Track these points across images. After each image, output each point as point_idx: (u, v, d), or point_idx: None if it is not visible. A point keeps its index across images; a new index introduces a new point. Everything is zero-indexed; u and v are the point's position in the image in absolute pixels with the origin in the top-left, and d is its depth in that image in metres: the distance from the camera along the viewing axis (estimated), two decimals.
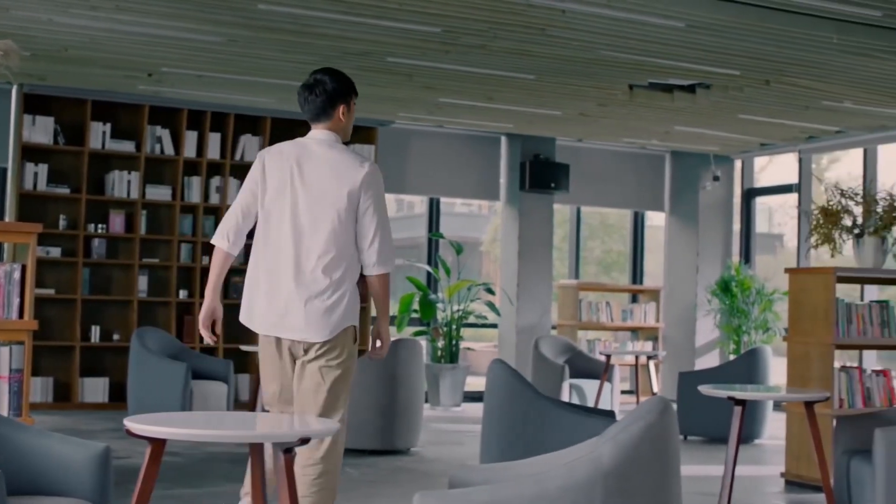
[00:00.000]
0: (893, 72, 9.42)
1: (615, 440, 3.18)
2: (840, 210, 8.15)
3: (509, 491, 3.19)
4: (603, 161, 14.54)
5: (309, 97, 5.02)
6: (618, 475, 3.16)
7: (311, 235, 4.81)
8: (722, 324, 13.64)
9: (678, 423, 10.38)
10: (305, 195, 4.83)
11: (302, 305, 4.77)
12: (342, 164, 4.87)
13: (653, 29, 8.23)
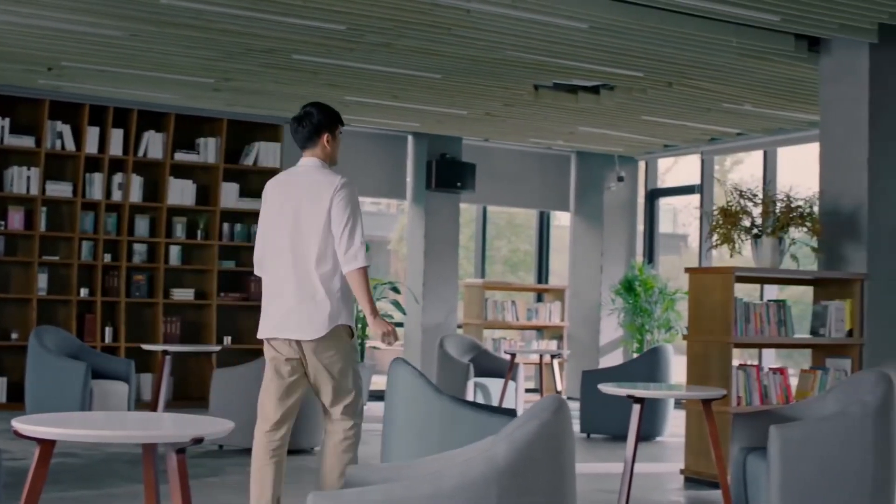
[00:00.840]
0: (791, 75, 9.60)
1: (510, 439, 3.20)
2: (739, 211, 8.28)
3: (404, 490, 3.19)
4: (509, 161, 14.62)
5: (298, 128, 5.66)
6: (512, 473, 3.17)
7: (301, 250, 5.46)
8: (625, 323, 13.80)
9: (582, 422, 10.49)
10: (293, 216, 5.50)
11: (299, 310, 5.42)
12: (320, 184, 5.50)
13: (557, 30, 8.28)
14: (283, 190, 5.62)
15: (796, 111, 11.17)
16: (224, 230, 12.34)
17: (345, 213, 5.45)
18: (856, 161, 8.55)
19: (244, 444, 8.74)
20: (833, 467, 5.71)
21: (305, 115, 5.65)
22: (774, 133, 12.58)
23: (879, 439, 5.74)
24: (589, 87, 10.75)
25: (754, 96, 10.58)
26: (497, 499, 3.15)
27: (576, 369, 13.64)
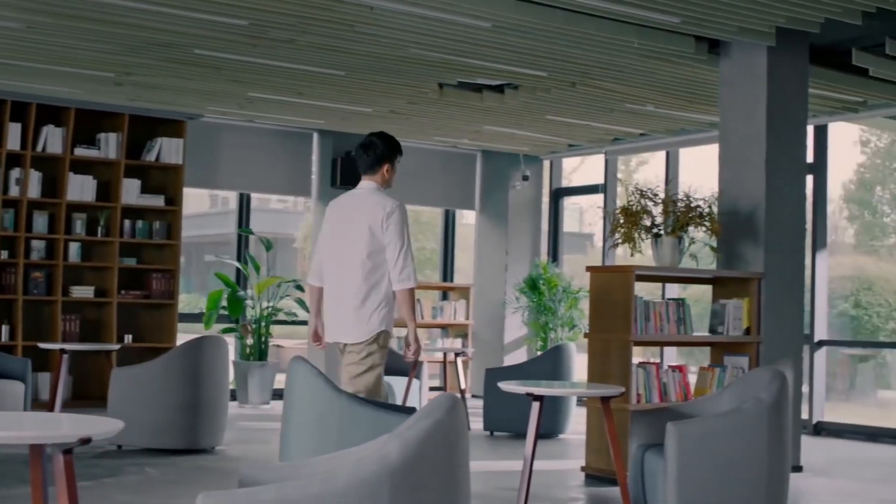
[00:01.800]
0: (692, 76, 9.72)
1: (402, 437, 3.18)
2: (640, 210, 8.37)
3: (296, 489, 3.15)
4: (415, 159, 14.58)
5: (363, 155, 6.54)
6: (405, 472, 3.15)
7: (349, 264, 6.28)
8: (529, 321, 13.87)
9: (485, 420, 10.52)
10: (342, 235, 6.33)
11: (345, 316, 6.30)
12: (372, 206, 6.30)
13: (460, 28, 8.29)
14: (342, 210, 6.43)
15: (697, 112, 11.32)
16: (125, 227, 12.15)
17: (398, 237, 6.26)
18: (754, 162, 8.69)
19: (143, 444, 8.65)
20: (729, 463, 5.79)
21: (370, 144, 6.54)
22: (676, 134, 12.74)
23: (774, 435, 5.84)
24: (494, 86, 10.77)
25: (656, 97, 10.69)
26: (389, 497, 3.14)
27: (480, 367, 13.67)
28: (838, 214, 15.89)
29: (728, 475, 5.80)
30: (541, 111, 11.61)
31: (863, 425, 11.52)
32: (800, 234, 8.94)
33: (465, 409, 10.99)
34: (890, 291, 13.83)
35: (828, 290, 11.98)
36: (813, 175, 11.45)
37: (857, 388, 13.78)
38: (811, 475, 8.69)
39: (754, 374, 6.33)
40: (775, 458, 5.88)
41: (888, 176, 15.80)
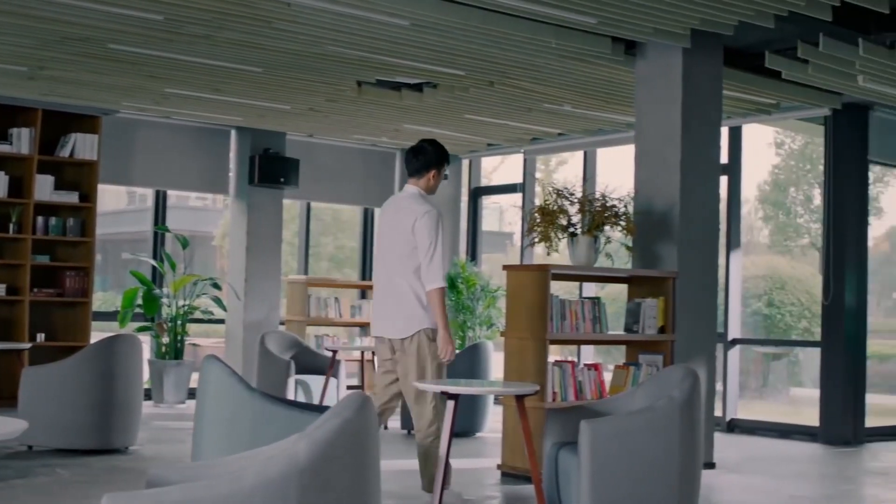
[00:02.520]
0: (609, 77, 9.79)
1: (311, 436, 3.16)
2: (556, 210, 8.41)
3: (203, 490, 3.12)
4: (334, 157, 14.55)
5: (412, 159, 6.92)
6: (313, 471, 3.13)
7: (391, 264, 6.70)
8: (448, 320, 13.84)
9: (403, 418, 10.50)
10: (386, 238, 6.76)
11: (390, 313, 6.71)
12: (409, 211, 6.67)
13: (378, 26, 8.26)
14: (386, 214, 6.87)
15: (614, 113, 11.41)
16: (38, 224, 11.93)
17: (427, 239, 6.59)
18: (668, 162, 8.78)
19: (55, 445, 8.51)
20: (641, 460, 5.84)
21: (421, 149, 6.93)
22: (594, 134, 12.83)
23: (685, 432, 5.90)
24: (412, 85, 10.77)
25: (574, 97, 10.76)
26: (297, 497, 3.11)
27: None
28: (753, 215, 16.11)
29: (641, 472, 5.85)
30: (459, 110, 11.63)
31: (775, 422, 11.70)
32: (713, 234, 9.06)
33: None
34: (802, 291, 14.06)
35: (742, 290, 12.14)
36: (727, 176, 11.60)
37: (770, 386, 13.99)
38: (724, 472, 8.81)
39: (667, 373, 6.39)
40: (687, 456, 5.95)
41: (802, 178, 16.05)
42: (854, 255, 11.01)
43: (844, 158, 11.06)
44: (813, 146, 14.41)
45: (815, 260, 13.42)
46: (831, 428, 10.90)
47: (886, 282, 14.61)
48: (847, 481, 8.81)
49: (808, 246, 15.14)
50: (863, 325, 11.10)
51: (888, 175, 13.75)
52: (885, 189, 14.25)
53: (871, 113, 11.17)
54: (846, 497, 8.05)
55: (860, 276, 11.07)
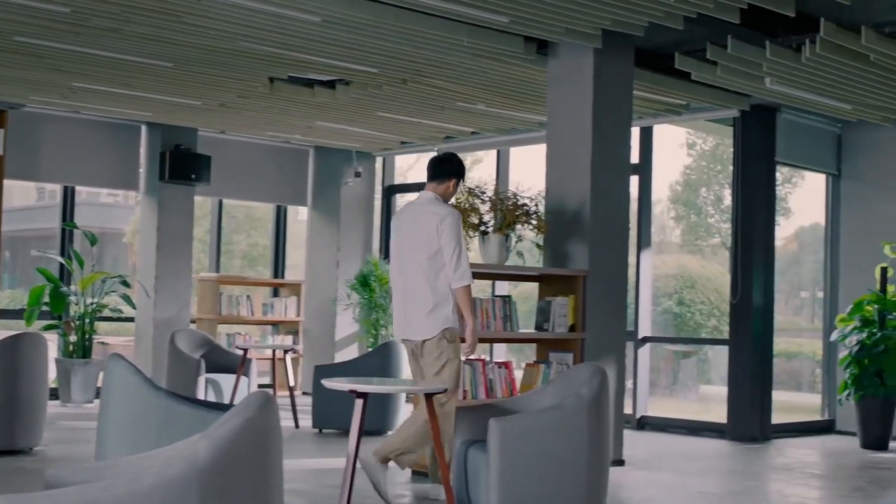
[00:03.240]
0: (522, 76, 9.82)
1: (211, 436, 3.11)
2: (468, 208, 8.41)
3: (101, 490, 3.05)
4: (247, 154, 14.43)
5: (438, 165, 7.14)
6: (214, 472, 3.09)
7: (412, 268, 6.92)
8: (361, 318, 13.83)
9: (314, 417, 10.44)
10: (406, 241, 6.98)
11: (413, 316, 6.91)
12: (430, 214, 6.91)
13: (290, 22, 8.20)
14: (406, 218, 7.07)
15: (527, 112, 11.45)
16: None
17: (453, 240, 6.82)
18: (579, 161, 8.83)
19: None
20: (550, 458, 5.87)
21: (449, 157, 7.22)
22: (507, 133, 12.87)
23: (593, 430, 5.94)
24: (325, 82, 10.71)
25: (487, 96, 10.78)
26: (198, 498, 3.07)
27: (311, 364, 13.60)
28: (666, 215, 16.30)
29: (549, 470, 5.87)
30: (373, 108, 11.59)
31: (685, 419, 11.83)
32: (623, 233, 9.14)
33: (294, 406, 10.92)
34: (712, 290, 14.25)
35: (652, 288, 12.26)
36: (638, 175, 11.71)
37: (680, 384, 14.16)
38: (633, 468, 8.88)
39: (576, 371, 6.42)
40: (595, 452, 5.99)
41: (713, 178, 16.26)
42: (762, 254, 11.17)
43: (753, 159, 11.22)
44: (723, 147, 14.61)
45: (725, 259, 13.60)
46: (739, 425, 11.05)
47: (795, 281, 14.86)
48: (753, 477, 8.94)
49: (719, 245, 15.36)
50: (769, 323, 11.26)
51: (796, 176, 13.99)
52: (794, 190, 14.49)
53: (778, 115, 11.35)
54: (752, 493, 8.17)
55: (767, 276, 11.23)
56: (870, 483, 8.61)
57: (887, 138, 11.73)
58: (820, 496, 8.19)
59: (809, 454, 10.29)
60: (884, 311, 10.86)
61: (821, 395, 12.31)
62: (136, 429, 5.25)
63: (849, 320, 11.05)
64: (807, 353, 13.51)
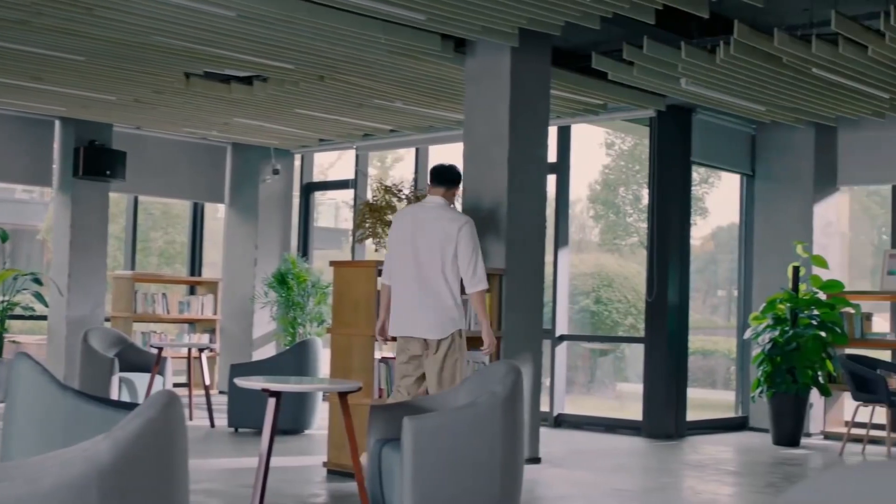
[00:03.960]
0: (439, 74, 9.81)
1: (113, 437, 3.05)
2: (385, 205, 8.39)
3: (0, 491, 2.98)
4: (163, 150, 14.26)
5: (445, 171, 7.36)
6: (115, 473, 3.02)
7: (429, 268, 7.09)
8: (278, 316, 13.74)
9: (230, 416, 10.35)
10: (419, 242, 7.12)
11: (425, 315, 7.08)
12: (447, 220, 7.17)
13: (204, 17, 8.10)
14: (417, 219, 7.21)
15: (445, 110, 11.44)
16: None
17: (471, 246, 7.13)
18: (496, 160, 8.84)
19: None
20: (464, 456, 5.85)
21: (454, 166, 7.46)
22: (425, 131, 12.85)
23: (507, 428, 5.93)
24: (242, 78, 10.60)
25: (404, 94, 10.75)
26: (98, 498, 3.00)
27: (229, 363, 13.48)
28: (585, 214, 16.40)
29: (463, 468, 5.86)
30: (290, 104, 11.51)
31: (602, 417, 11.91)
32: (540, 232, 9.16)
33: (210, 405, 10.81)
34: (629, 288, 14.36)
35: (570, 287, 12.32)
36: (556, 174, 11.76)
37: (598, 382, 14.25)
38: (549, 466, 8.91)
39: (491, 369, 6.42)
40: (510, 450, 5.98)
41: (631, 178, 16.40)
42: (677, 253, 11.27)
43: (668, 159, 11.32)
44: (642, 147, 14.73)
45: (643, 258, 13.71)
46: (654, 422, 11.14)
47: (712, 280, 15.04)
48: (667, 474, 9.02)
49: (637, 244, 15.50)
50: (685, 321, 11.37)
51: (713, 176, 14.15)
52: (711, 190, 14.66)
53: (693, 115, 11.46)
54: (666, 489, 8.24)
55: (683, 274, 11.34)
56: (782, 479, 8.73)
57: (800, 139, 11.91)
58: (732, 492, 8.29)
59: (723, 451, 10.41)
60: (796, 310, 11.02)
61: (735, 392, 12.47)
62: (43, 429, 5.15)
63: (762, 318, 11.20)
64: (722, 350, 13.67)
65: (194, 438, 9.99)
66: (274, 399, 5.98)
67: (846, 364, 10.31)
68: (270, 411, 5.98)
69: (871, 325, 11.38)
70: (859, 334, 11.26)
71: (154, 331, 13.92)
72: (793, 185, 11.99)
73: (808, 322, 10.94)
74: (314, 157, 15.15)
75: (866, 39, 8.07)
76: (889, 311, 11.72)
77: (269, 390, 5.96)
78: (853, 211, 13.72)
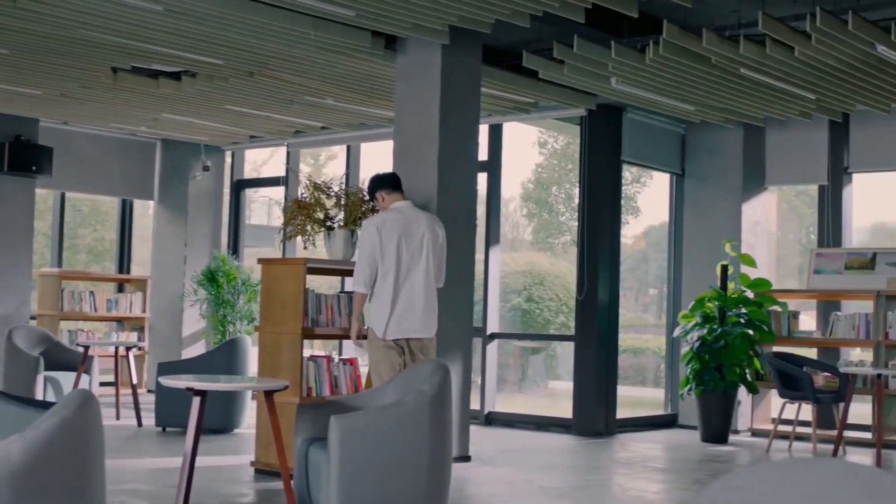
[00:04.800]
0: (370, 71, 9.76)
1: (25, 437, 2.99)
2: (313, 203, 8.33)
3: None
4: (91, 146, 14.06)
5: (398, 178, 7.79)
6: (27, 473, 2.96)
7: (426, 270, 7.54)
8: (208, 314, 13.61)
9: (157, 415, 10.23)
10: (409, 245, 7.49)
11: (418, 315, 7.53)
12: (431, 224, 7.64)
13: (131, 11, 7.98)
14: (413, 221, 7.55)
15: (376, 107, 11.39)
16: None
17: (445, 251, 7.74)
18: (426, 158, 8.81)
19: None
20: (391, 455, 5.83)
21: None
22: (356, 128, 12.79)
23: (435, 426, 5.91)
24: (170, 73, 10.49)
25: (335, 91, 10.69)
26: (10, 499, 2.94)
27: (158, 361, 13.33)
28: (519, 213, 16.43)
29: (390, 467, 5.83)
30: (219, 100, 11.39)
31: (533, 415, 11.94)
32: (470, 230, 9.15)
33: (137, 404, 10.68)
34: (560, 287, 14.41)
35: (501, 285, 12.33)
36: (487, 173, 11.76)
37: (529, 380, 14.28)
38: (479, 464, 8.91)
39: (419, 367, 6.39)
40: (437, 449, 5.96)
41: (564, 176, 16.46)
42: (607, 252, 11.33)
43: (599, 158, 11.37)
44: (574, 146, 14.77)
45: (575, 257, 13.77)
46: (584, 420, 11.19)
47: (644, 278, 15.14)
48: (596, 471, 9.05)
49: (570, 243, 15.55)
50: (615, 319, 11.43)
51: (645, 176, 14.24)
52: (643, 189, 14.75)
53: (624, 115, 11.52)
54: (594, 487, 8.26)
55: (613, 273, 11.40)
56: (709, 476, 8.80)
57: (729, 139, 12.02)
58: (659, 489, 8.34)
59: (652, 448, 10.48)
60: (724, 308, 11.12)
61: (664, 390, 12.55)
62: None
63: (690, 317, 11.29)
64: (653, 348, 13.76)
65: (121, 438, 9.87)
66: (199, 398, 5.90)
67: (773, 362, 10.42)
68: (195, 410, 5.91)
69: (797, 324, 11.52)
70: (786, 332, 11.40)
71: (82, 329, 13.72)
72: (722, 185, 12.10)
73: (736, 320, 11.05)
74: (246, 154, 15.03)
75: (793, 41, 8.15)
76: (815, 309, 11.87)
77: (193, 389, 5.89)
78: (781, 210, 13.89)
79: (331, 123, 12.65)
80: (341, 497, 5.70)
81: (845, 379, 10.11)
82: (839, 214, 11.65)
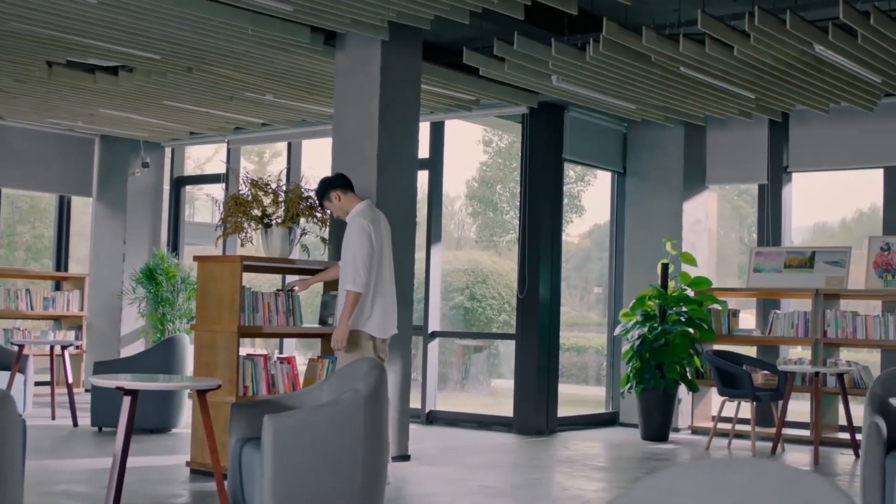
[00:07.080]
0: (310, 67, 9.68)
1: None
2: (251, 200, 8.24)
3: None
4: (27, 142, 13.84)
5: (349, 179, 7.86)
6: None
7: (391, 270, 7.75)
8: (147, 312, 13.46)
9: (93, 415, 10.10)
10: (387, 243, 7.71)
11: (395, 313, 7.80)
12: (387, 223, 7.79)
13: (66, 3, 7.85)
14: (381, 221, 7.71)
15: (317, 104, 11.31)
16: None
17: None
18: (365, 155, 8.75)
19: None
20: (326, 454, 5.76)
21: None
22: (297, 125, 12.70)
23: (370, 425, 5.85)
24: (107, 68, 10.33)
25: (275, 87, 10.59)
26: None
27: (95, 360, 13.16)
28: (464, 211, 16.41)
29: (325, 466, 5.77)
30: (158, 96, 11.25)
31: (474, 413, 11.91)
32: (410, 228, 9.10)
33: (73, 403, 10.54)
34: (503, 285, 14.40)
35: (443, 283, 12.29)
36: (428, 171, 11.71)
37: (472, 378, 14.25)
38: (418, 463, 8.86)
39: (354, 366, 6.33)
40: (372, 449, 5.90)
41: (508, 175, 16.45)
42: (549, 250, 11.32)
43: (541, 156, 11.36)
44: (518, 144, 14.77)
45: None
46: (525, 418, 11.17)
47: (589, 277, 15.16)
48: (536, 470, 9.03)
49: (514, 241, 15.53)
50: (556, 317, 11.42)
51: (589, 174, 14.25)
52: (587, 188, 14.78)
53: (566, 113, 11.52)
54: (533, 485, 8.24)
55: (554, 271, 11.39)
56: (647, 474, 8.78)
57: (669, 137, 12.05)
58: (598, 488, 8.33)
59: (592, 446, 10.48)
60: (664, 306, 11.15)
61: (605, 388, 12.57)
62: None
63: (631, 315, 11.30)
64: (595, 347, 13.78)
65: (56, 438, 9.73)
66: (129, 398, 5.80)
67: (713, 360, 10.46)
68: (125, 410, 5.81)
69: (737, 322, 11.57)
70: (726, 331, 11.45)
71: (18, 327, 13.51)
72: (663, 183, 12.14)
73: (677, 318, 11.08)
74: (189, 151, 14.88)
75: (732, 39, 8.18)
76: (755, 307, 11.94)
77: (123, 388, 5.79)
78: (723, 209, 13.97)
79: (271, 120, 12.55)
80: (274, 497, 5.63)
81: (784, 377, 10.17)
82: (779, 213, 11.73)
